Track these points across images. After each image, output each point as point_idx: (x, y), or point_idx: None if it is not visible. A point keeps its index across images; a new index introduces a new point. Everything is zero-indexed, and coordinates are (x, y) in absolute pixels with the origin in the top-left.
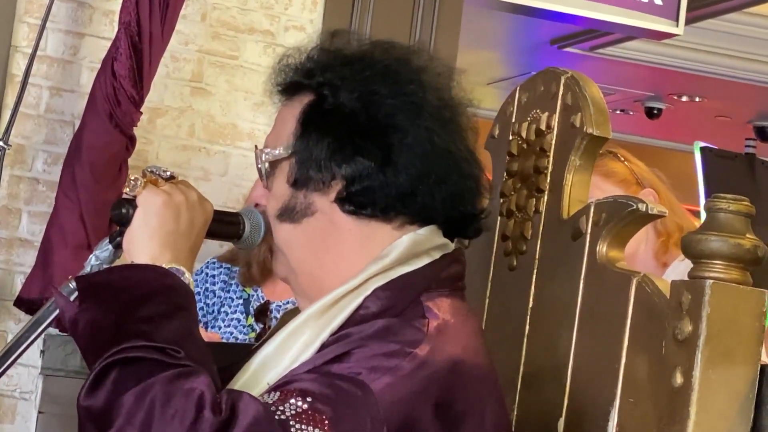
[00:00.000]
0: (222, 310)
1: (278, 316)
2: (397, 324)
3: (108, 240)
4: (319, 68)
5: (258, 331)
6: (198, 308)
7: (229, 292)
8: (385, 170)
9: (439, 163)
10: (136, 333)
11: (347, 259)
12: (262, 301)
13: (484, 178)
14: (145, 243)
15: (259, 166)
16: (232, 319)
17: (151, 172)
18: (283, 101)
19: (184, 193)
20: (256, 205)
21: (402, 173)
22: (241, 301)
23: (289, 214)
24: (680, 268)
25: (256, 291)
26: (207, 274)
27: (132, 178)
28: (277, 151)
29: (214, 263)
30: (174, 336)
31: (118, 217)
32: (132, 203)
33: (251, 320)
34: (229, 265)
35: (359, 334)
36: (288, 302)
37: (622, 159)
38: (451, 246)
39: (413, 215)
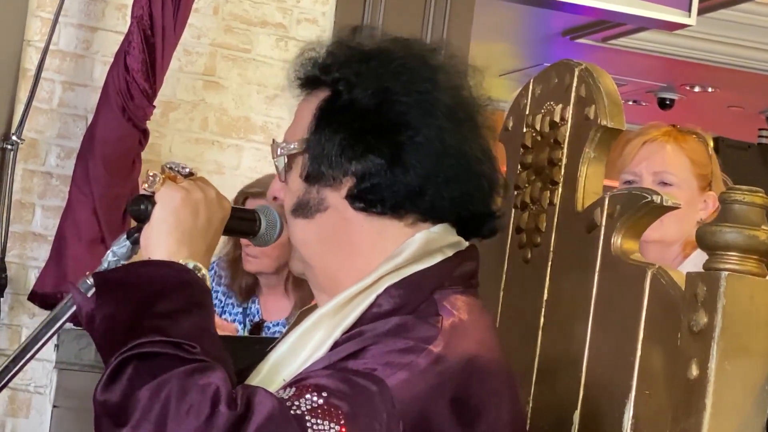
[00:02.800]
0: (223, 317)
1: (269, 335)
2: (411, 321)
3: (125, 236)
4: (336, 64)
5: None
6: None
7: (231, 297)
8: (394, 168)
9: (449, 162)
10: (152, 328)
11: (361, 256)
12: (258, 315)
13: (498, 177)
14: (162, 240)
15: (275, 160)
16: None
17: (170, 168)
18: (303, 96)
19: (202, 190)
20: (275, 198)
21: (411, 171)
22: (240, 309)
23: (303, 209)
24: (699, 258)
25: (254, 302)
26: (215, 273)
27: (151, 174)
28: (292, 146)
29: (222, 263)
30: (190, 332)
31: (136, 213)
32: (150, 199)
33: (246, 333)
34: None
35: (373, 331)
36: (278, 323)
37: (710, 154)
38: (465, 243)
39: (424, 213)
